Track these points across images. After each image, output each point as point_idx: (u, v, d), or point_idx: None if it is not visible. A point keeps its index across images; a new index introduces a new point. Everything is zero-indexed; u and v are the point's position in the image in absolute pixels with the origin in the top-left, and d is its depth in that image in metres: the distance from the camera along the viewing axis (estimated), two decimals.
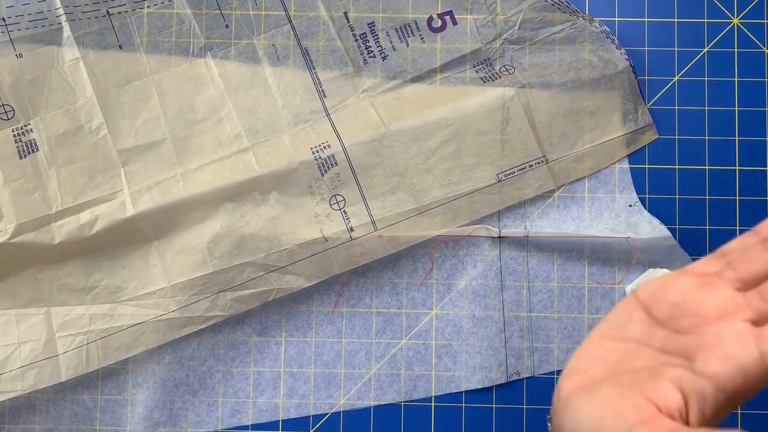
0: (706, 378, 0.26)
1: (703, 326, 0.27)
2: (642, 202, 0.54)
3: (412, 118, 0.53)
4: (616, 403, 0.27)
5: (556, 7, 0.55)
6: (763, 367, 0.25)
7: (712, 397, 0.25)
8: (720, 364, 0.26)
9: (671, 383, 0.26)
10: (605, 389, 0.28)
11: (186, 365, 0.53)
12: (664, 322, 0.29)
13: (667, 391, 0.26)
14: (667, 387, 0.26)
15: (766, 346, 0.25)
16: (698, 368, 0.26)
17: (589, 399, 0.28)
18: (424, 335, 0.54)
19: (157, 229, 0.52)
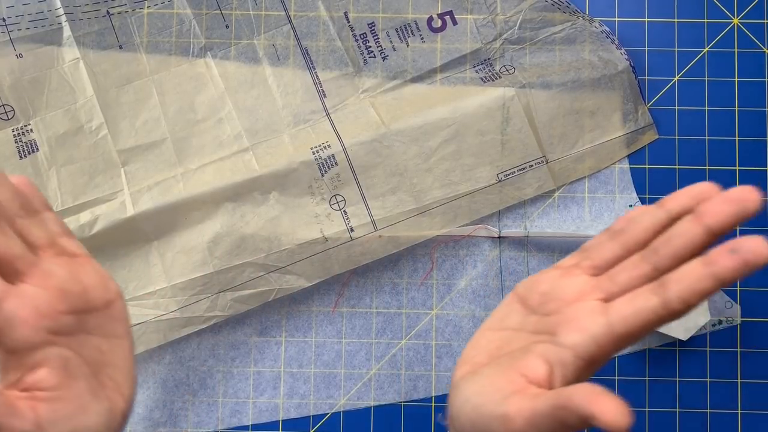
0: (566, 348, 0.30)
1: (564, 307, 0.32)
2: (642, 202, 0.54)
3: (412, 118, 0.53)
4: (494, 380, 0.32)
5: (556, 7, 0.55)
6: (611, 335, 0.29)
7: (572, 363, 0.30)
8: (577, 335, 0.30)
9: (538, 357, 0.31)
10: (486, 371, 0.33)
11: (186, 365, 0.53)
12: (535, 309, 0.34)
13: (534, 364, 0.31)
14: (535, 360, 0.31)
15: (613, 317, 0.30)
16: (560, 341, 0.31)
17: (473, 380, 0.33)
18: (424, 335, 0.54)
19: (157, 229, 0.52)
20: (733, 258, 0.27)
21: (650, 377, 0.53)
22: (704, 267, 0.28)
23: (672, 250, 0.30)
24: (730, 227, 0.29)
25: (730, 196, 0.28)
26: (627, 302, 0.30)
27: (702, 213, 0.29)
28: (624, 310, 0.30)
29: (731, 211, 0.28)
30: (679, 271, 0.29)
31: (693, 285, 0.28)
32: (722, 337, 0.54)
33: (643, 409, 0.53)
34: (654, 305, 0.29)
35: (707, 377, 0.53)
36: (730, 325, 0.53)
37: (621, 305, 0.30)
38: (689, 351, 0.54)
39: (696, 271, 0.28)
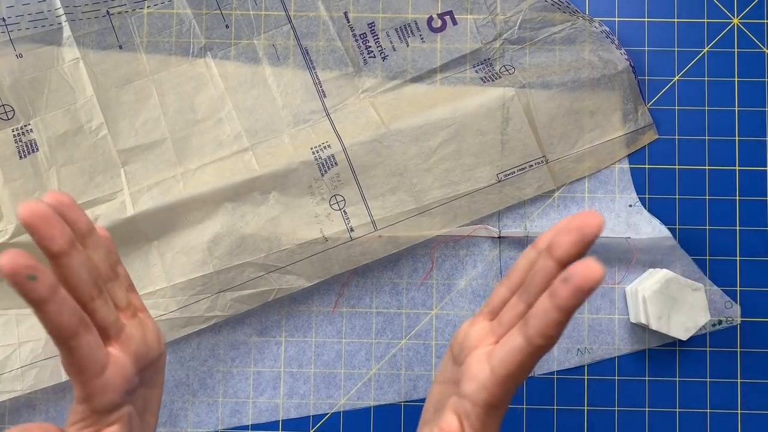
0: (465, 398, 0.32)
1: (468, 356, 0.34)
2: (642, 202, 0.54)
3: (412, 118, 0.53)
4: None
5: (556, 7, 0.55)
6: (495, 378, 0.31)
7: (473, 412, 0.32)
8: (470, 384, 0.32)
9: (450, 410, 0.33)
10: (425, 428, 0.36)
11: (186, 365, 0.53)
12: (456, 359, 0.36)
13: (448, 419, 0.33)
14: (448, 414, 0.33)
15: (493, 362, 0.31)
16: (462, 392, 0.33)
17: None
18: (424, 335, 0.54)
19: (157, 229, 0.52)
20: (566, 287, 0.28)
21: (650, 377, 0.53)
22: (549, 300, 0.29)
23: (535, 287, 0.32)
24: (576, 255, 0.30)
25: (570, 225, 0.30)
26: (501, 345, 0.31)
27: (551, 246, 0.30)
28: (499, 353, 0.31)
29: (572, 240, 0.30)
30: (535, 307, 0.30)
31: (544, 319, 0.29)
32: (722, 337, 0.54)
33: (643, 409, 0.53)
34: (520, 344, 0.30)
35: (707, 377, 0.53)
36: (730, 325, 0.53)
37: (498, 348, 0.32)
38: (689, 351, 0.54)
39: (544, 305, 0.29)
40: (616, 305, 0.54)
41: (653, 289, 0.50)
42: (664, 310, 0.50)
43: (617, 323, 0.53)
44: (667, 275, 0.50)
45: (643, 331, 0.53)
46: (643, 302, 0.50)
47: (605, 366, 0.53)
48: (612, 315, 0.53)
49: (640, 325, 0.53)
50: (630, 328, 0.53)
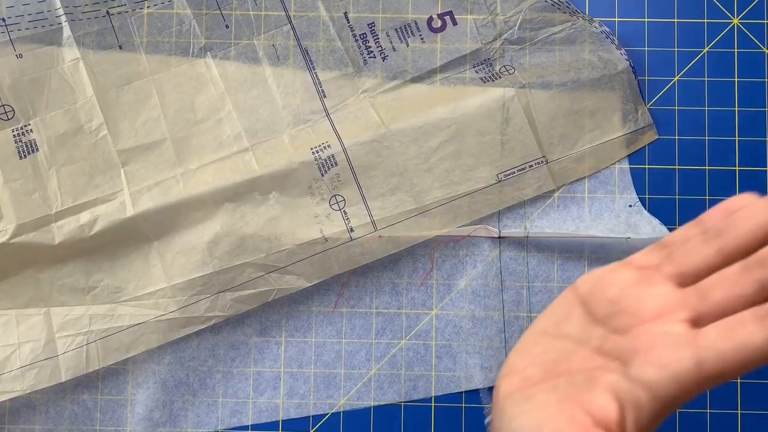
0: (642, 386, 0.25)
1: (639, 327, 0.26)
2: (642, 202, 0.54)
3: (412, 118, 0.53)
4: (551, 415, 0.26)
5: (556, 7, 0.55)
6: (698, 376, 0.24)
7: (648, 405, 0.25)
8: (655, 371, 0.25)
9: (607, 391, 0.25)
10: (541, 396, 0.27)
11: (186, 365, 0.53)
12: (601, 319, 0.28)
13: (603, 402, 0.25)
14: (603, 397, 0.25)
15: (702, 354, 0.24)
16: (633, 374, 0.25)
17: (525, 407, 0.27)
18: (424, 335, 0.54)
19: (157, 229, 0.52)
20: None
21: None
22: None
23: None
24: None
25: None
26: (724, 333, 0.24)
27: None
28: (720, 344, 0.23)
29: None
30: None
31: None
32: None
33: None
34: (760, 341, 0.23)
35: None
36: None
37: (716, 337, 0.24)
38: None
39: None
40: None
41: None
42: None
43: None
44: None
45: None
46: None
47: None
48: None
49: None
50: None
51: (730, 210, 0.26)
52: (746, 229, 0.25)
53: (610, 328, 0.27)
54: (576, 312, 0.29)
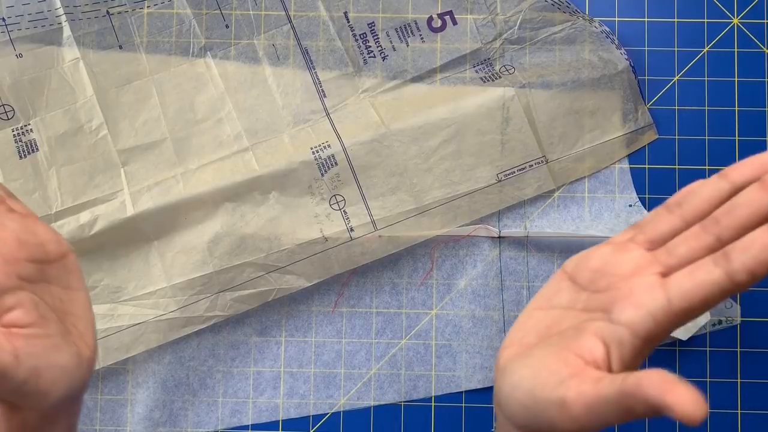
0: (623, 325, 0.28)
1: (619, 283, 0.30)
2: (642, 202, 0.54)
3: (412, 118, 0.53)
4: (547, 362, 0.29)
5: (556, 7, 0.55)
6: (670, 311, 0.28)
7: (629, 342, 0.28)
8: (633, 311, 0.28)
9: (594, 336, 0.29)
10: (538, 352, 0.31)
11: (186, 365, 0.53)
12: (586, 285, 0.32)
13: (590, 344, 0.29)
14: (591, 340, 0.29)
15: (672, 292, 0.28)
16: (615, 318, 0.29)
17: (524, 363, 0.31)
18: (424, 335, 0.54)
19: (157, 229, 0.52)
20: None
21: None
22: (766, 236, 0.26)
23: (736, 220, 0.28)
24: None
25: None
26: (687, 275, 0.28)
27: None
28: (684, 284, 0.27)
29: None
30: (744, 240, 0.26)
31: (760, 254, 0.26)
32: (722, 337, 0.54)
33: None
34: (717, 277, 0.27)
35: (707, 377, 0.53)
36: (730, 325, 0.53)
37: (681, 278, 0.28)
38: (689, 351, 0.53)
39: (763, 240, 0.26)
40: None
41: None
42: None
43: None
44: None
45: None
46: None
47: None
48: None
49: None
50: None
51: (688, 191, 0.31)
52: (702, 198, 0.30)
53: (594, 290, 0.31)
54: (564, 285, 0.33)
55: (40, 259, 0.32)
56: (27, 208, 0.35)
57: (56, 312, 0.32)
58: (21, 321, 0.30)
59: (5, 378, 0.28)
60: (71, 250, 0.35)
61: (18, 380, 0.29)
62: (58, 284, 0.33)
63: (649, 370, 0.25)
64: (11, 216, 0.33)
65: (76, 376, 0.32)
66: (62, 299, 0.33)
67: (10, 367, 0.28)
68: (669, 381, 0.24)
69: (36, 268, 0.32)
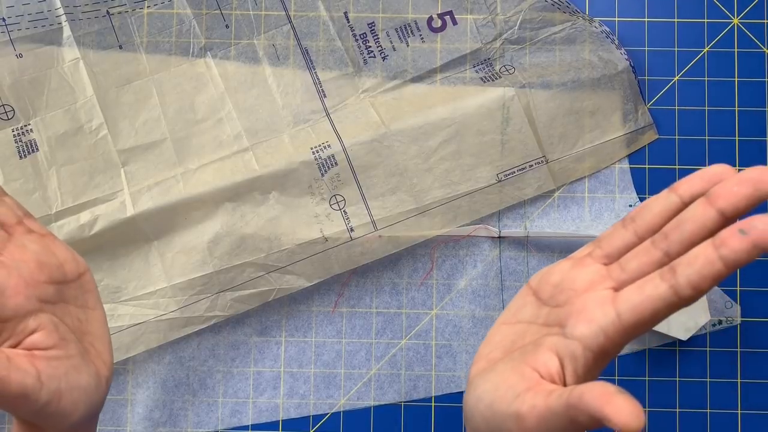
0: (575, 340, 0.29)
1: (574, 298, 0.31)
2: (642, 202, 0.54)
3: (412, 118, 0.53)
4: (507, 376, 0.31)
5: (556, 7, 0.55)
6: (620, 325, 0.28)
7: (582, 356, 0.29)
8: (585, 326, 0.29)
9: (549, 350, 0.30)
10: (500, 366, 0.32)
11: (186, 365, 0.53)
12: (547, 300, 0.33)
13: (545, 358, 0.30)
14: (546, 354, 0.30)
15: (621, 306, 0.28)
16: (569, 332, 0.30)
17: (486, 377, 0.32)
18: (424, 335, 0.54)
19: (157, 229, 0.52)
20: (743, 240, 0.25)
21: (650, 377, 0.53)
22: (714, 250, 0.26)
23: (683, 235, 0.28)
24: (743, 210, 0.27)
25: (745, 177, 0.27)
26: (635, 290, 0.28)
27: (714, 196, 0.27)
28: (632, 299, 0.28)
29: (745, 193, 0.27)
30: (689, 255, 0.27)
31: (703, 269, 0.26)
32: (722, 337, 0.54)
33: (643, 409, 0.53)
34: (663, 292, 0.27)
35: (707, 377, 0.53)
36: (730, 325, 0.53)
37: (629, 293, 0.29)
38: (689, 351, 0.54)
39: (705, 255, 0.26)
40: None
41: None
42: None
43: None
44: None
45: None
46: None
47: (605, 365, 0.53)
48: None
49: None
50: None
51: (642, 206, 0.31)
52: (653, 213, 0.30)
53: (553, 305, 0.32)
54: (528, 300, 0.34)
55: (59, 280, 0.33)
56: (44, 228, 0.35)
57: (75, 332, 0.33)
58: (42, 343, 0.30)
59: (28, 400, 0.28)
60: (88, 269, 0.36)
61: (41, 402, 0.29)
62: (75, 304, 0.34)
63: (592, 383, 0.26)
64: (30, 237, 0.33)
65: (95, 396, 0.32)
66: (80, 319, 0.34)
67: (34, 389, 0.28)
68: (608, 393, 0.25)
69: (55, 289, 0.32)
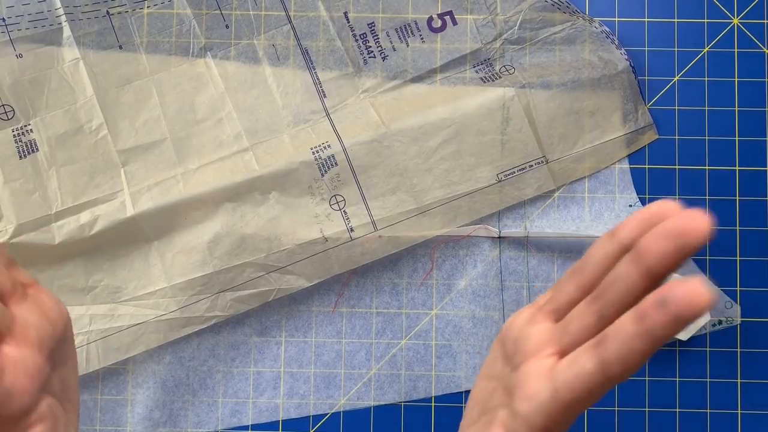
0: (519, 417, 0.27)
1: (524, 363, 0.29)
2: (642, 202, 0.54)
3: (412, 118, 0.53)
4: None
5: (556, 7, 0.55)
6: (558, 402, 0.26)
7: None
8: (525, 403, 0.27)
9: (500, 427, 0.29)
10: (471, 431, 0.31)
11: (186, 365, 0.53)
12: (508, 359, 0.31)
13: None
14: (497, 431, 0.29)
15: (557, 382, 0.26)
16: (514, 408, 0.28)
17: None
18: (424, 335, 0.54)
19: (157, 229, 0.52)
20: (661, 313, 0.23)
21: (650, 377, 0.53)
22: (636, 324, 0.24)
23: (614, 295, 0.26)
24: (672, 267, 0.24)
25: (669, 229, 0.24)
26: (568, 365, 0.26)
27: (641, 252, 0.25)
28: (566, 374, 0.26)
29: (668, 248, 0.24)
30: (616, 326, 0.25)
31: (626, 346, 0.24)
32: (722, 337, 0.54)
33: (643, 409, 0.53)
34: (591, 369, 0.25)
35: (707, 377, 0.53)
36: (730, 325, 0.53)
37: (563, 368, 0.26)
38: (689, 351, 0.54)
39: (627, 329, 0.24)
40: None
41: None
42: None
43: None
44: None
45: None
46: None
47: None
48: None
49: None
50: None
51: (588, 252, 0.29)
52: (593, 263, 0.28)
53: (512, 366, 0.30)
54: (498, 354, 0.33)
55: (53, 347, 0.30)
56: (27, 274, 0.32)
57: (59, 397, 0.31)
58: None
59: None
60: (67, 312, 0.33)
61: None
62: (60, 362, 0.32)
63: None
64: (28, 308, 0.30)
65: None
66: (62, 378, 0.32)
67: None
68: None
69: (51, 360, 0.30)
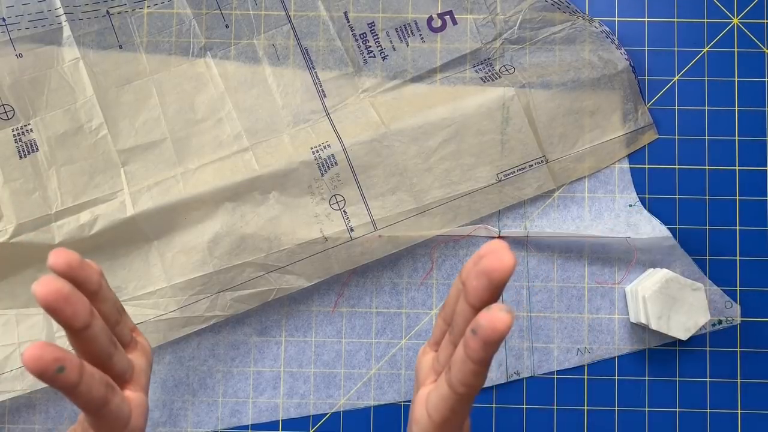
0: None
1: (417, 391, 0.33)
2: (642, 202, 0.54)
3: (412, 118, 0.53)
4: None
5: (556, 7, 0.55)
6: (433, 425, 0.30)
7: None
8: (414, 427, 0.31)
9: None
10: None
11: (186, 365, 0.53)
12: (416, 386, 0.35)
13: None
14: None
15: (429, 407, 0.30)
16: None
17: None
18: (424, 335, 0.54)
19: (157, 229, 0.52)
20: (474, 339, 0.27)
21: (650, 377, 0.53)
22: (463, 350, 0.28)
23: (458, 328, 0.30)
24: (488, 299, 0.28)
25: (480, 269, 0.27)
26: (434, 390, 0.30)
27: (466, 289, 0.29)
28: (432, 399, 0.30)
29: (481, 285, 0.28)
30: (455, 354, 0.29)
31: (462, 368, 0.28)
32: (722, 337, 0.54)
33: (643, 409, 0.53)
34: (446, 392, 0.29)
35: (707, 377, 0.53)
36: (730, 325, 0.53)
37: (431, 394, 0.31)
38: (689, 351, 0.54)
39: (460, 354, 0.28)
40: (616, 305, 0.54)
41: (653, 289, 0.50)
42: (664, 310, 0.50)
43: (617, 323, 0.53)
44: (667, 275, 0.50)
45: (643, 331, 0.53)
46: (643, 302, 0.50)
47: (605, 366, 0.53)
48: (612, 315, 0.53)
49: (640, 325, 0.53)
50: (630, 328, 0.53)
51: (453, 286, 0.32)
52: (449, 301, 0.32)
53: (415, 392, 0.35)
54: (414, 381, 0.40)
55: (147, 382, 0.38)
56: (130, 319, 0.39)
57: None
58: None
59: None
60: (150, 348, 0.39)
61: None
62: None
63: None
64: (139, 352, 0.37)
65: None
66: None
67: None
68: None
69: None
